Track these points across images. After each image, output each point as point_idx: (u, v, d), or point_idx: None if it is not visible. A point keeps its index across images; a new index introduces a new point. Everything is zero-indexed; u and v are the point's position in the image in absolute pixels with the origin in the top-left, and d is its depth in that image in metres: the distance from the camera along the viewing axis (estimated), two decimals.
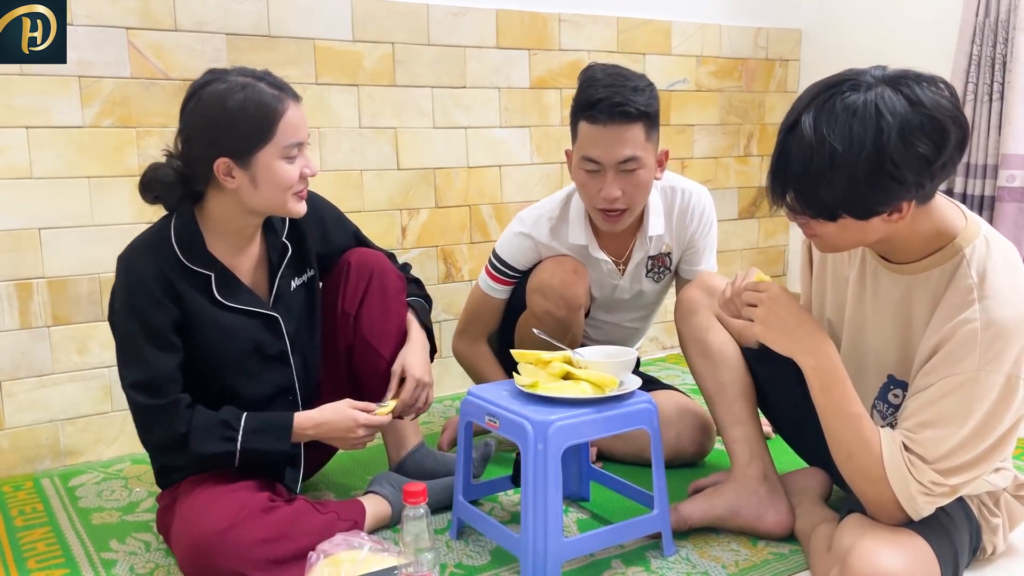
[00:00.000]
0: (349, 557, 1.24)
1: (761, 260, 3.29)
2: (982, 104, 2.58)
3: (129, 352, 1.47)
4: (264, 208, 1.51)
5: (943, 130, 1.15)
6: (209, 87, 1.45)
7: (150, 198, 1.52)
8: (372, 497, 1.66)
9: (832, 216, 1.20)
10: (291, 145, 1.46)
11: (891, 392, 1.40)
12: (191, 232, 1.50)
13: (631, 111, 1.70)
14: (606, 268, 1.96)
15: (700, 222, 1.96)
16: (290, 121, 1.45)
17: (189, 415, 1.46)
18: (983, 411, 1.21)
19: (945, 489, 1.24)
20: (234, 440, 1.47)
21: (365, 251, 1.75)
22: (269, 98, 1.44)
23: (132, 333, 1.46)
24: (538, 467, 1.39)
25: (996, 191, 2.55)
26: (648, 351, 2.97)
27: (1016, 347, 1.20)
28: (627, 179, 1.76)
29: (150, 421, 1.48)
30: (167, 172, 1.49)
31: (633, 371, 1.70)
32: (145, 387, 1.46)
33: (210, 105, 1.43)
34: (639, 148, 1.73)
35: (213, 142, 1.44)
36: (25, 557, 1.61)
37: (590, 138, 1.74)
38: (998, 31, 2.54)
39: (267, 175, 1.45)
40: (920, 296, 1.31)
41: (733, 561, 1.53)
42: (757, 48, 3.13)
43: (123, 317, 1.47)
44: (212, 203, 1.51)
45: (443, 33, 2.45)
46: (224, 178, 1.45)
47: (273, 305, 1.59)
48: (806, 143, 1.16)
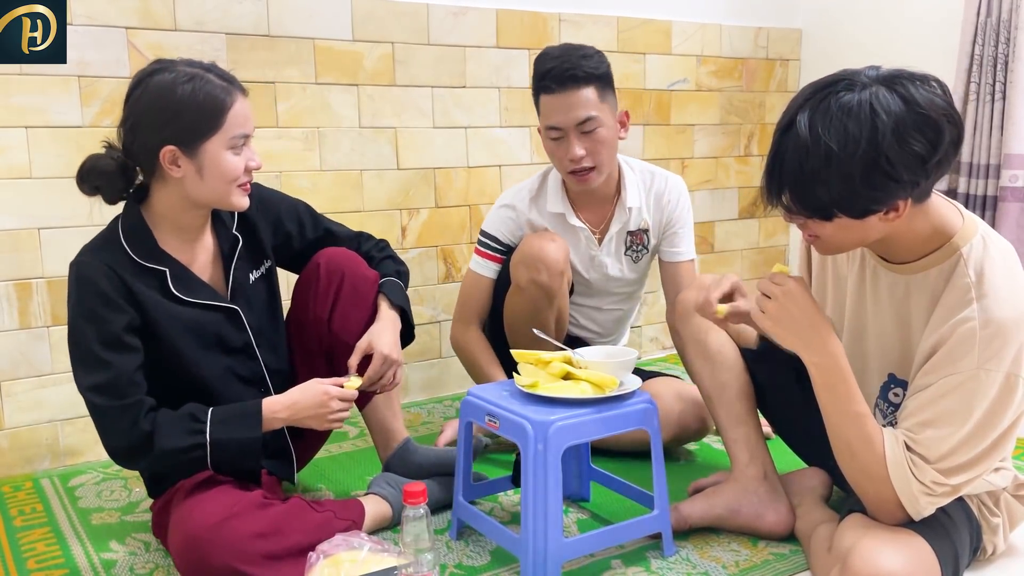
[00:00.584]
0: (349, 557, 1.24)
1: (761, 260, 3.29)
2: (984, 104, 2.58)
3: (85, 356, 1.43)
4: (208, 199, 1.49)
5: (938, 128, 1.15)
6: (156, 76, 1.43)
7: (88, 189, 1.49)
8: (372, 498, 1.66)
9: (828, 216, 1.20)
10: (238, 136, 1.45)
11: (892, 391, 1.41)
12: (140, 229, 1.48)
13: (579, 74, 1.84)
14: (583, 236, 2.04)
15: (677, 206, 2.07)
16: (238, 113, 1.45)
17: (153, 416, 1.43)
18: (983, 410, 1.21)
19: (947, 489, 1.24)
20: (202, 432, 1.43)
21: (335, 251, 1.71)
22: (218, 89, 1.43)
23: (86, 337, 1.42)
24: (538, 467, 1.39)
25: (998, 191, 2.55)
26: (648, 351, 2.97)
27: (1015, 345, 1.20)
28: (588, 139, 1.88)
29: (112, 424, 1.43)
30: (107, 162, 1.47)
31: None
32: (104, 389, 1.41)
33: (158, 93, 1.41)
34: (593, 108, 1.86)
35: (160, 129, 1.41)
36: (25, 557, 1.61)
37: (549, 107, 1.88)
38: (999, 31, 2.54)
39: (213, 166, 1.44)
40: (918, 295, 1.31)
41: (733, 561, 1.53)
42: (757, 48, 3.13)
43: (77, 322, 1.43)
44: (156, 197, 1.49)
45: (443, 33, 2.45)
46: (169, 167, 1.43)
47: (232, 298, 1.57)
48: (801, 143, 1.17)
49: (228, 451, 1.46)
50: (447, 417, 2.32)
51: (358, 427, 2.29)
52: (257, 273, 1.64)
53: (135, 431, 1.42)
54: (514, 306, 1.99)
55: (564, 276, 1.95)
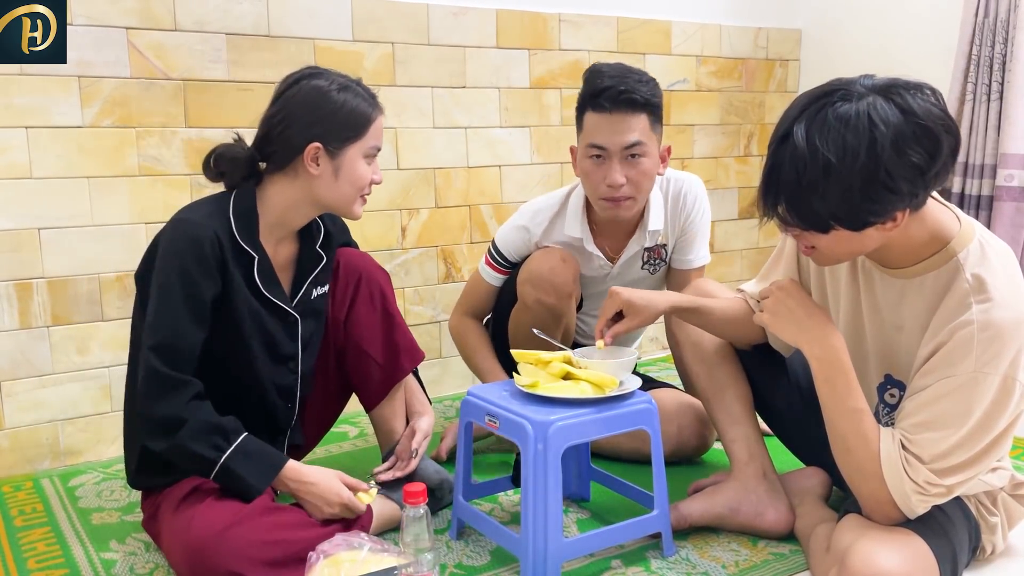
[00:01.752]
0: (349, 557, 1.24)
1: (761, 260, 3.29)
2: (981, 104, 2.59)
3: (164, 312, 1.43)
4: (333, 201, 1.54)
5: (936, 138, 1.15)
6: (313, 79, 1.52)
7: (213, 174, 1.55)
8: (379, 499, 1.65)
9: (824, 228, 1.20)
10: (373, 147, 1.55)
11: (888, 392, 1.41)
12: (250, 212, 1.52)
13: (637, 99, 1.76)
14: (597, 263, 1.98)
15: (695, 207, 1.99)
16: (378, 127, 1.55)
17: (196, 404, 1.43)
18: (980, 412, 1.21)
19: (940, 490, 1.24)
20: (222, 452, 1.43)
21: (350, 252, 1.74)
22: (365, 102, 1.53)
23: (174, 294, 1.43)
24: (538, 467, 1.39)
25: (994, 191, 2.55)
26: (648, 351, 2.97)
27: (1013, 349, 1.20)
28: (631, 166, 1.80)
29: (159, 391, 1.42)
30: (238, 151, 1.53)
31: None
32: (168, 353, 1.42)
33: (315, 94, 1.50)
34: (644, 135, 1.79)
35: (311, 126, 1.49)
36: (25, 557, 1.61)
37: (596, 126, 1.79)
38: (997, 31, 2.54)
39: (350, 170, 1.52)
40: (914, 300, 1.31)
41: (733, 561, 1.53)
42: (757, 48, 3.13)
43: (169, 275, 1.43)
44: (274, 190, 1.53)
45: (443, 33, 2.45)
46: (309, 163, 1.50)
47: (294, 307, 1.60)
48: (799, 154, 1.15)
49: (231, 481, 1.46)
50: (448, 418, 2.32)
51: (358, 427, 2.29)
52: (320, 291, 1.67)
53: (174, 410, 1.41)
54: (520, 323, 1.94)
55: (572, 297, 1.91)
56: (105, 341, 2.08)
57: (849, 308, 1.44)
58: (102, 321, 2.07)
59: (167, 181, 2.11)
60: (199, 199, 1.56)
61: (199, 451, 1.42)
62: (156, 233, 1.51)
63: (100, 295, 2.06)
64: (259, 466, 1.47)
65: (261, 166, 1.55)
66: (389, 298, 1.74)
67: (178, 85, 2.10)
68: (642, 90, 1.77)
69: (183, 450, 1.42)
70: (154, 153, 2.09)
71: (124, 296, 2.09)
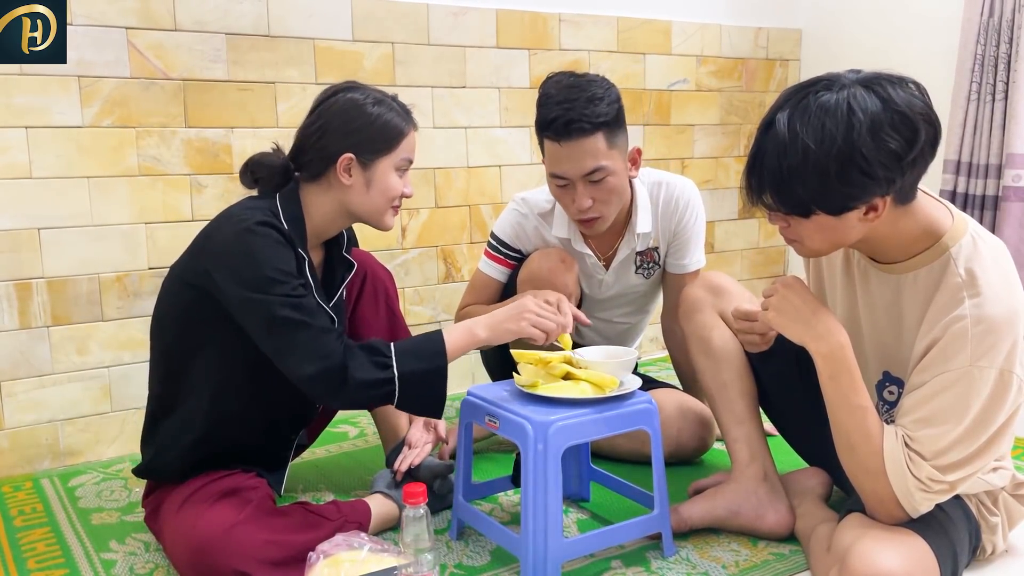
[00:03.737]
0: (349, 557, 1.24)
1: (761, 260, 3.29)
2: (986, 104, 2.58)
3: (285, 276, 1.42)
4: (365, 211, 1.56)
5: (914, 127, 1.17)
6: (350, 92, 1.55)
7: (248, 180, 1.58)
8: (378, 497, 1.66)
9: (806, 213, 1.22)
10: (405, 160, 1.58)
11: (887, 389, 1.41)
12: (299, 217, 1.53)
13: (585, 126, 1.70)
14: (590, 262, 1.98)
15: (687, 211, 1.97)
16: (410, 141, 1.58)
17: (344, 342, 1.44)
18: (978, 407, 1.22)
19: (943, 486, 1.24)
20: (389, 367, 1.43)
21: (355, 251, 1.75)
22: (398, 116, 1.56)
23: (285, 262, 1.44)
24: (538, 467, 1.39)
25: (1001, 191, 2.55)
26: (648, 351, 2.97)
27: (1007, 342, 1.21)
28: (596, 188, 1.77)
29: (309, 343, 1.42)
30: (274, 159, 1.57)
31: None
32: (304, 309, 1.42)
33: (351, 106, 1.53)
34: (602, 158, 1.73)
35: (345, 137, 1.52)
36: (25, 557, 1.61)
37: (554, 156, 1.76)
38: (1002, 30, 2.54)
39: (381, 181, 1.55)
40: (909, 295, 1.32)
41: (733, 561, 1.53)
42: (757, 48, 3.13)
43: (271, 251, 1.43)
44: (312, 198, 1.55)
45: (443, 33, 2.45)
46: (342, 173, 1.52)
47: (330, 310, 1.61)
48: (780, 141, 1.19)
49: (415, 385, 1.46)
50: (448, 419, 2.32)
51: (358, 427, 2.29)
52: (343, 294, 1.68)
53: (334, 354, 1.41)
54: None
55: (572, 298, 1.90)
56: (105, 341, 2.08)
57: (846, 306, 1.44)
58: (102, 321, 2.07)
59: (167, 181, 2.11)
60: (242, 201, 1.55)
61: (373, 377, 1.43)
62: (206, 228, 1.51)
63: (100, 295, 2.06)
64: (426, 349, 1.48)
65: (296, 175, 1.57)
66: (392, 297, 1.77)
67: (178, 85, 2.10)
68: (592, 112, 1.70)
69: (361, 385, 1.42)
70: (154, 153, 2.09)
71: (124, 296, 2.09)
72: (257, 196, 1.57)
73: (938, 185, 2.66)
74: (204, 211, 2.15)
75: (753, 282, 3.26)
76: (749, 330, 1.48)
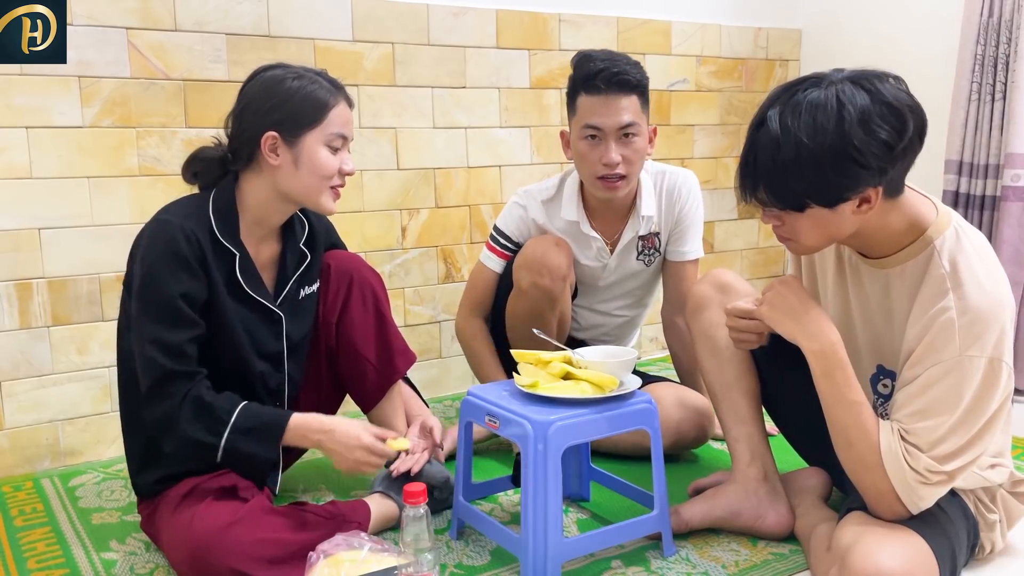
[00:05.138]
0: (349, 557, 1.24)
1: (761, 260, 3.29)
2: (985, 104, 2.58)
3: (162, 307, 1.42)
4: (299, 193, 1.52)
5: (902, 117, 1.20)
6: (270, 71, 1.52)
7: (188, 176, 1.56)
8: (377, 497, 1.66)
9: (801, 206, 1.24)
10: (336, 135, 1.51)
11: (881, 382, 1.43)
12: (229, 209, 1.51)
13: (630, 80, 1.85)
14: (596, 246, 2.03)
15: (689, 199, 2.05)
16: (339, 114, 1.51)
17: (196, 394, 1.42)
18: (970, 396, 1.23)
19: (942, 476, 1.25)
20: (220, 435, 1.42)
21: (341, 254, 1.74)
22: (323, 89, 1.51)
23: (161, 291, 1.42)
24: (538, 467, 1.39)
25: (1000, 190, 2.55)
26: (648, 351, 2.97)
27: (995, 331, 1.23)
28: (626, 145, 1.87)
29: (163, 386, 1.41)
30: (210, 151, 1.55)
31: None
32: (167, 348, 1.41)
33: (268, 84, 1.50)
34: (636, 115, 1.87)
35: (265, 115, 1.48)
36: (25, 557, 1.61)
37: (591, 108, 1.86)
38: (1001, 30, 2.54)
39: (309, 159, 1.49)
40: (898, 289, 1.34)
41: (733, 561, 1.53)
42: (757, 48, 3.13)
43: (152, 274, 1.42)
44: (249, 186, 1.53)
45: (443, 33, 2.46)
46: (268, 154, 1.49)
47: (278, 306, 1.60)
48: (773, 137, 1.22)
49: (240, 460, 1.46)
50: (448, 418, 2.32)
51: None
52: (308, 291, 1.67)
53: (174, 402, 1.41)
54: (516, 309, 1.98)
55: (566, 280, 1.95)
56: (105, 341, 2.08)
57: (838, 303, 1.46)
58: (102, 321, 2.07)
59: (167, 181, 2.11)
60: (179, 198, 1.55)
61: (199, 438, 1.42)
62: (136, 234, 1.51)
63: (100, 295, 2.06)
64: (263, 436, 1.46)
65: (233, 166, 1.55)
66: (382, 299, 1.74)
67: (178, 85, 2.10)
68: (634, 72, 1.86)
69: (186, 441, 1.42)
70: (154, 153, 2.09)
71: None
72: (196, 193, 1.56)
73: (940, 186, 2.66)
74: None
75: (753, 282, 3.26)
76: (744, 328, 1.47)
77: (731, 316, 1.49)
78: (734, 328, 1.49)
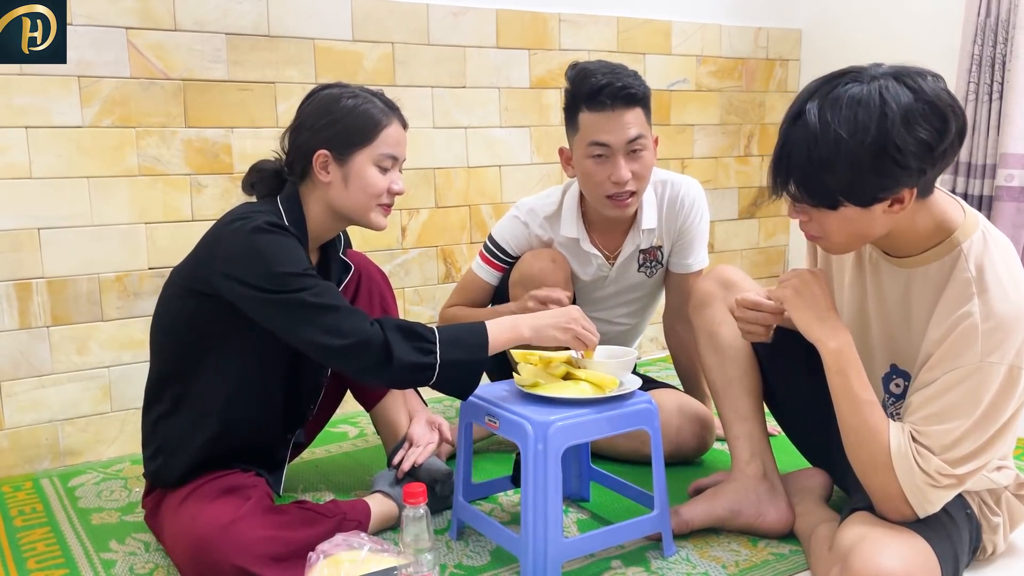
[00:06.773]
0: (349, 557, 1.24)
1: (761, 260, 3.29)
2: (982, 103, 2.58)
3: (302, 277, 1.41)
4: (349, 210, 1.54)
5: (944, 117, 1.17)
6: (329, 89, 1.55)
7: (246, 186, 1.59)
8: (377, 497, 1.66)
9: (834, 204, 1.22)
10: (386, 155, 1.53)
11: (893, 381, 1.42)
12: (301, 220, 1.53)
13: (635, 93, 1.78)
14: (596, 263, 1.98)
15: (692, 210, 1.99)
16: (390, 134, 1.54)
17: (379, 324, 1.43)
18: (987, 402, 1.22)
19: (952, 480, 1.25)
20: (432, 353, 1.43)
21: (349, 253, 1.76)
22: (377, 109, 1.53)
23: (299, 257, 1.43)
24: (538, 467, 1.39)
25: (995, 190, 2.55)
26: (648, 351, 2.97)
27: (1017, 339, 1.22)
28: (635, 160, 1.81)
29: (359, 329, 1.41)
30: (268, 164, 1.58)
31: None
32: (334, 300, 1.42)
33: (325, 102, 1.53)
34: (643, 128, 1.81)
35: (319, 133, 1.51)
36: (25, 557, 1.61)
37: (597, 124, 1.79)
38: (998, 30, 2.54)
39: (358, 176, 1.52)
40: (919, 289, 1.32)
41: (733, 561, 1.53)
42: (757, 48, 3.13)
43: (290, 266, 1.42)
44: (307, 200, 1.55)
45: (443, 33, 2.45)
46: (320, 171, 1.51)
47: None
48: (811, 131, 1.18)
49: (452, 373, 1.46)
50: (448, 418, 2.32)
51: (357, 427, 2.29)
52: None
53: (369, 331, 1.40)
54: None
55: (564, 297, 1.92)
56: (105, 341, 2.08)
57: (855, 298, 1.44)
58: (102, 321, 2.07)
59: (167, 181, 2.11)
60: (241, 206, 1.54)
61: (416, 360, 1.42)
62: (209, 235, 1.50)
63: (100, 295, 2.06)
64: (470, 341, 1.47)
65: (289, 179, 1.57)
66: (389, 299, 1.76)
67: (178, 85, 2.10)
68: (637, 85, 1.79)
69: (404, 367, 1.41)
70: (154, 153, 2.09)
71: (124, 296, 2.09)
72: (256, 201, 1.57)
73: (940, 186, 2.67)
74: (204, 211, 2.15)
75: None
76: (752, 319, 1.46)
77: (740, 307, 1.48)
78: (742, 319, 1.48)
